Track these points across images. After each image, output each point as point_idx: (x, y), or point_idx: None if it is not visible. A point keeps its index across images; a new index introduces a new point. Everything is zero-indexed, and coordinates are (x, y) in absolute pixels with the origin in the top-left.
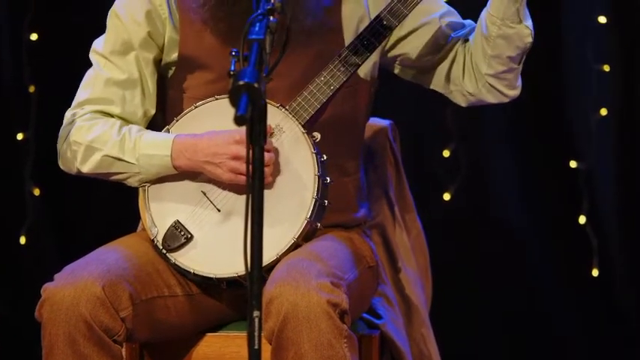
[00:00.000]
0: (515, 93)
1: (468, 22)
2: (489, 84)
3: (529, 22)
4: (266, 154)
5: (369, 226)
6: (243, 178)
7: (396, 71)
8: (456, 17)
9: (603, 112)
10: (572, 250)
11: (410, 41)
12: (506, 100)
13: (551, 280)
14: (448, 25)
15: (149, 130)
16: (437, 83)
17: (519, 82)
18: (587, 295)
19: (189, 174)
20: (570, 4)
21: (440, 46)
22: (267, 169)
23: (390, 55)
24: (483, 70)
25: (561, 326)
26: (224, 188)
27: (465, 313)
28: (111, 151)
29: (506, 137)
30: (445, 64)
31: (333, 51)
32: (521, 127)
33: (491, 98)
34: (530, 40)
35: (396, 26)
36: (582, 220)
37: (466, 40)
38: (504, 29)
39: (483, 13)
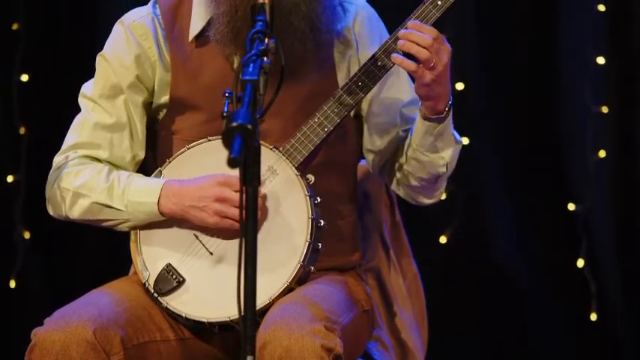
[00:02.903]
0: (429, 202)
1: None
2: (403, 191)
3: (446, 153)
4: None
5: (364, 270)
6: (229, 221)
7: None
8: (415, 111)
9: (601, 153)
10: (571, 294)
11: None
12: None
13: (549, 324)
14: (403, 116)
15: (138, 175)
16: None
17: (438, 193)
18: (586, 339)
19: (179, 218)
20: (568, 45)
21: (388, 131)
22: None
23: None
24: (398, 176)
25: None
26: (216, 231)
27: (462, 357)
28: (99, 197)
29: (503, 179)
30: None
31: (326, 91)
32: (519, 169)
33: (408, 198)
34: (443, 170)
35: (391, 67)
36: (580, 263)
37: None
38: (418, 154)
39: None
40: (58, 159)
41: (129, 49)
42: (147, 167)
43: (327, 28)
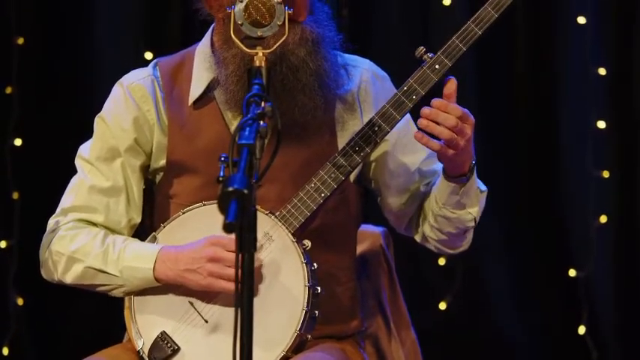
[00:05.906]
0: (458, 252)
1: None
2: (432, 244)
3: (474, 208)
4: None
5: (362, 337)
6: (223, 282)
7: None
8: (433, 164)
9: (603, 219)
10: None
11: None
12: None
13: None
14: (421, 173)
15: (134, 240)
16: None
17: (466, 242)
18: None
19: (175, 284)
20: (568, 108)
21: (409, 189)
22: None
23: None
24: (425, 231)
25: None
26: (211, 298)
27: None
28: (93, 262)
29: (503, 244)
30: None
31: (325, 156)
32: (519, 234)
33: (435, 250)
34: (472, 224)
35: (389, 132)
36: (582, 330)
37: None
38: (444, 212)
39: (433, 188)
40: (52, 222)
41: (128, 111)
42: (142, 231)
43: (336, 85)
